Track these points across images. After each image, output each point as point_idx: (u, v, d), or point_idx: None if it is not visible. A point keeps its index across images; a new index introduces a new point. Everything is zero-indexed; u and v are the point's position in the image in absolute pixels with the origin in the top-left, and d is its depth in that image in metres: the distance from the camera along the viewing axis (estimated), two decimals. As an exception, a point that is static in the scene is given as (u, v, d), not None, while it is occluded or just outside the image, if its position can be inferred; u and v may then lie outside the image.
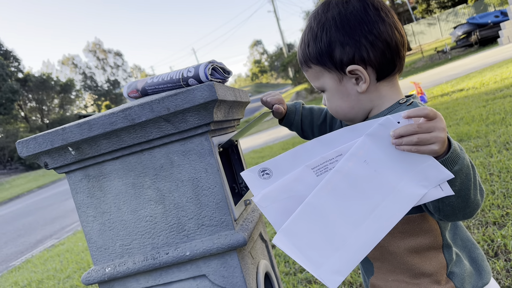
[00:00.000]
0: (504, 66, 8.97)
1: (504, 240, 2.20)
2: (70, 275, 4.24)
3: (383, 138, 0.73)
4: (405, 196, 0.73)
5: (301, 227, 0.75)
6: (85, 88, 62.67)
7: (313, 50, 0.96)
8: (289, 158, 0.78)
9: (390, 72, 0.94)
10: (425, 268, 0.92)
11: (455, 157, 0.73)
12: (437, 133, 0.70)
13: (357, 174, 0.74)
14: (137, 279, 1.21)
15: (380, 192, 0.73)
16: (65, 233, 7.40)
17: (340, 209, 0.74)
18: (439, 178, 0.71)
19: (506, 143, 3.66)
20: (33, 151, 1.17)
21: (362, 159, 0.73)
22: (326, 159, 0.76)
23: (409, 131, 0.70)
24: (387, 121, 0.72)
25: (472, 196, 0.76)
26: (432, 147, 0.71)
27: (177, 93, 1.09)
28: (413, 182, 0.72)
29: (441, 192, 0.72)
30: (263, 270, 1.34)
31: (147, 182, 1.19)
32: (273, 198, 0.78)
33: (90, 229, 1.23)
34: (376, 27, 0.90)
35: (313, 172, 0.76)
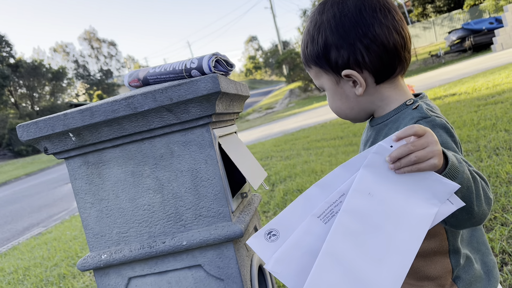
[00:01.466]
0: (496, 73, 9.08)
1: (491, 243, 2.24)
2: (58, 263, 4.22)
3: (381, 166, 0.71)
4: (418, 218, 0.70)
5: (323, 279, 0.71)
6: (77, 76, 62.10)
7: (311, 52, 0.95)
8: (292, 212, 0.75)
9: (389, 75, 0.91)
10: (429, 272, 0.91)
11: (454, 170, 0.72)
12: (431, 147, 0.69)
13: (365, 209, 0.71)
14: (132, 267, 1.22)
15: (392, 220, 0.71)
16: (52, 221, 7.35)
17: (358, 249, 0.71)
18: (446, 191, 0.69)
19: (496, 148, 3.71)
20: (33, 135, 1.17)
21: (366, 192, 0.71)
22: (330, 203, 0.73)
23: (405, 151, 0.69)
24: (380, 148, 0.70)
25: (476, 207, 0.74)
26: (432, 162, 0.69)
27: (180, 84, 1.10)
28: (422, 203, 0.70)
29: (452, 206, 0.71)
30: (257, 262, 1.35)
31: (147, 171, 1.20)
32: (287, 260, 0.73)
33: (87, 216, 1.24)
34: (372, 30, 0.87)
35: (320, 220, 0.73)
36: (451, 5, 30.44)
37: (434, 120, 0.86)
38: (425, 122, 0.86)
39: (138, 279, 1.22)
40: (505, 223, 2.41)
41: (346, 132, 7.05)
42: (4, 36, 43.50)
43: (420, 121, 0.86)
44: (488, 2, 23.35)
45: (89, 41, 66.29)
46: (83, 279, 3.53)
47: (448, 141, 0.84)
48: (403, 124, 0.89)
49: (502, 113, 4.94)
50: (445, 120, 0.88)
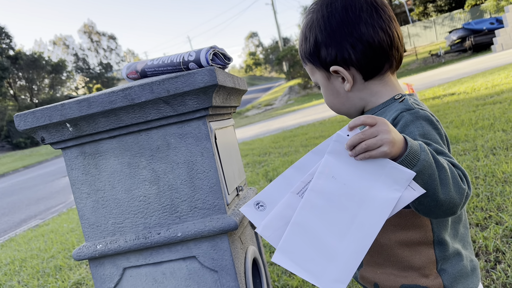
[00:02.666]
0: (496, 73, 9.09)
1: (485, 242, 2.25)
2: (54, 255, 4.24)
3: (342, 153, 0.78)
4: (381, 202, 0.77)
5: (293, 244, 0.81)
6: (76, 69, 61.92)
7: (304, 49, 1.00)
8: (274, 188, 0.85)
9: (377, 72, 0.95)
10: (413, 262, 0.94)
11: (412, 158, 0.75)
12: (381, 136, 0.73)
13: (329, 190, 0.79)
14: (127, 257, 1.23)
15: (354, 202, 0.78)
16: (49, 214, 7.36)
17: (323, 223, 0.80)
18: (404, 178, 0.75)
19: (493, 148, 3.73)
20: (30, 125, 1.17)
21: (329, 175, 0.79)
22: (305, 182, 0.82)
23: (356, 140, 0.74)
24: (338, 137, 0.78)
25: (442, 195, 0.77)
26: (382, 149, 0.73)
27: (177, 76, 1.10)
28: (385, 188, 0.77)
29: (414, 192, 0.75)
30: (251, 255, 1.36)
31: (143, 163, 1.20)
32: (272, 227, 0.84)
33: (83, 206, 1.24)
34: (357, 29, 0.91)
35: (298, 196, 0.82)
36: (452, 5, 30.40)
37: (418, 112, 0.89)
38: (408, 113, 0.89)
39: (132, 269, 1.23)
40: (500, 222, 2.43)
41: (345, 130, 7.05)
42: (4, 28, 43.34)
43: (403, 112, 0.90)
44: (489, 2, 23.33)
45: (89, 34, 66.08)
46: (79, 271, 3.54)
47: (431, 132, 0.87)
48: (388, 116, 0.92)
49: (500, 113, 4.95)
50: (429, 113, 0.91)
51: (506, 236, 2.26)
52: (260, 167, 5.91)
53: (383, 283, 0.97)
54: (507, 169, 3.09)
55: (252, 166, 6.20)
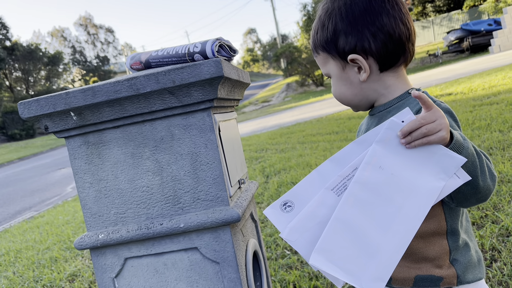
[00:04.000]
0: (493, 74, 9.13)
1: (481, 240, 2.27)
2: (50, 247, 4.23)
3: (392, 141, 0.76)
4: (426, 191, 0.75)
5: (333, 243, 0.77)
6: (73, 62, 61.49)
7: (320, 38, 0.99)
8: (306, 185, 0.80)
9: (393, 63, 0.96)
10: (427, 253, 0.94)
11: (458, 145, 0.76)
12: (440, 120, 0.74)
13: (375, 181, 0.76)
14: (129, 247, 1.23)
15: (401, 193, 0.76)
16: (45, 206, 7.34)
17: (367, 217, 0.76)
18: (454, 165, 0.74)
19: (490, 148, 3.75)
20: (34, 113, 1.17)
21: (377, 166, 0.76)
22: (343, 177, 0.78)
23: (415, 125, 0.74)
24: (392, 123, 0.75)
25: (481, 182, 0.79)
26: (441, 134, 0.74)
27: (183, 67, 1.10)
28: (431, 177, 0.75)
29: (458, 180, 0.75)
30: (252, 248, 1.37)
31: (146, 153, 1.20)
32: (301, 229, 0.78)
33: (85, 195, 1.24)
34: (379, 19, 0.92)
35: (333, 193, 0.78)
36: (450, 5, 30.46)
37: (439, 105, 0.90)
38: None
39: (134, 259, 1.24)
40: (496, 221, 2.45)
41: (342, 128, 7.07)
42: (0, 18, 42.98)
43: None
44: (487, 3, 23.38)
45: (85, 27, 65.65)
46: (75, 262, 3.54)
47: (453, 124, 0.88)
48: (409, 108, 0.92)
49: (497, 114, 4.98)
50: (448, 106, 0.92)
51: (502, 235, 2.28)
52: (257, 163, 5.91)
53: (396, 275, 0.97)
54: (504, 169, 3.11)
55: (249, 162, 6.20)
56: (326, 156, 5.11)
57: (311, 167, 4.70)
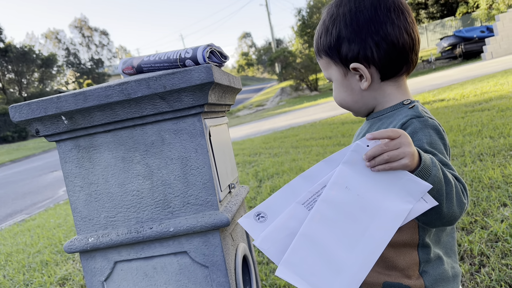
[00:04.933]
0: (485, 81, 9.22)
1: (470, 245, 2.29)
2: (41, 250, 4.20)
3: (358, 163, 0.77)
4: (393, 213, 0.76)
5: (299, 257, 0.78)
6: (67, 64, 61.31)
7: (324, 42, 0.99)
8: (279, 198, 0.82)
9: (395, 73, 0.96)
10: (398, 262, 0.95)
11: (425, 172, 0.76)
12: (404, 148, 0.74)
13: (341, 200, 0.77)
14: (119, 251, 1.23)
15: (367, 214, 0.77)
16: (36, 209, 7.29)
17: (333, 235, 0.78)
18: (420, 190, 0.75)
19: (480, 154, 3.79)
20: (25, 116, 1.17)
21: (343, 186, 0.77)
22: (313, 193, 0.79)
23: (378, 151, 0.75)
24: (357, 147, 0.77)
25: (445, 209, 0.79)
26: (403, 162, 0.74)
27: (174, 72, 1.12)
28: (397, 200, 0.76)
29: (426, 204, 0.76)
30: (241, 252, 1.38)
31: (137, 157, 1.21)
32: (272, 239, 0.81)
33: (76, 199, 1.25)
34: (384, 28, 0.91)
35: (303, 207, 0.80)
36: (444, 12, 30.75)
37: (427, 120, 0.90)
38: (417, 121, 0.90)
39: (124, 263, 1.24)
40: (485, 227, 2.47)
41: (335, 132, 7.10)
42: (-6, 20, 42.69)
43: (413, 119, 0.90)
44: (480, 10, 23.64)
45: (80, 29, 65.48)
46: (66, 266, 3.52)
47: (437, 142, 0.88)
48: (397, 120, 0.93)
49: (488, 120, 5.03)
50: (437, 123, 0.92)
51: (491, 241, 2.30)
52: (250, 167, 5.92)
53: (366, 279, 0.98)
54: (493, 175, 3.14)
55: (242, 166, 6.21)
56: (319, 160, 5.11)
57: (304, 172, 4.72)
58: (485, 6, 23.28)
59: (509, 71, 9.92)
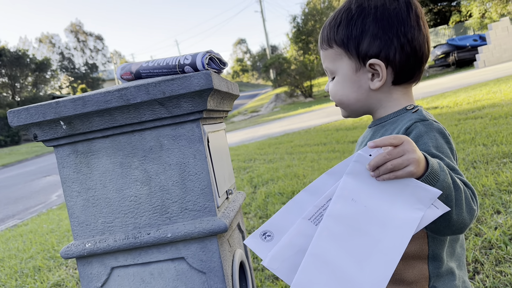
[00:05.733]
0: (478, 89, 9.30)
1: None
2: (33, 256, 4.17)
3: (362, 173, 0.74)
4: (404, 222, 0.73)
5: (309, 278, 0.75)
6: (61, 68, 61.12)
7: (342, 31, 0.94)
8: (284, 215, 0.80)
9: (407, 79, 0.94)
10: (405, 276, 0.91)
11: (433, 177, 0.74)
12: (408, 155, 0.71)
13: (348, 214, 0.74)
14: (116, 256, 1.23)
15: (377, 225, 0.74)
16: (29, 214, 7.22)
17: (343, 251, 0.74)
18: (429, 197, 0.72)
19: (474, 161, 3.82)
20: (24, 121, 1.17)
21: (349, 198, 0.74)
22: (319, 207, 0.77)
23: (382, 160, 0.71)
24: (360, 157, 0.73)
25: (455, 216, 0.76)
26: (408, 169, 0.71)
27: (174, 78, 1.12)
28: (407, 207, 0.73)
29: (437, 210, 0.73)
30: (238, 258, 1.38)
31: (135, 163, 1.21)
32: (281, 258, 0.78)
33: (73, 204, 1.24)
34: (412, 32, 0.90)
35: (310, 222, 0.77)
36: (437, 20, 31.04)
37: (432, 124, 0.88)
38: (422, 124, 0.88)
39: (120, 269, 1.24)
40: (479, 234, 2.49)
41: (329, 139, 7.13)
42: (-13, 23, 42.51)
43: (417, 122, 0.88)
44: (473, 19, 23.90)
45: (75, 33, 65.37)
46: (59, 272, 3.49)
47: (444, 146, 0.86)
48: (401, 125, 0.91)
49: (481, 128, 5.08)
50: (442, 126, 0.90)
51: (485, 248, 2.32)
52: (245, 173, 5.92)
53: None
54: (487, 183, 3.17)
55: (237, 172, 6.21)
56: (313, 167, 5.14)
57: (298, 178, 4.73)
58: (478, 15, 23.55)
59: (501, 80, 10.03)
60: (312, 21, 25.55)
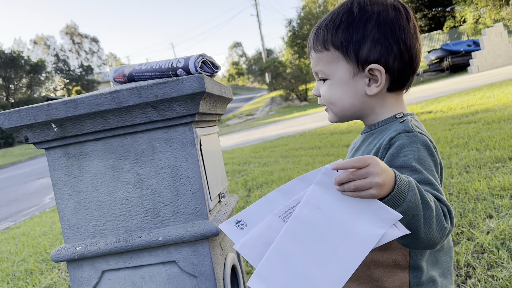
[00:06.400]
0: (471, 94, 9.37)
1: (457, 257, 2.32)
2: (25, 259, 4.13)
3: (330, 186, 0.77)
4: (365, 237, 0.76)
5: (271, 270, 0.81)
6: (56, 70, 60.89)
7: (342, 35, 0.91)
8: (257, 208, 0.85)
9: (401, 86, 0.95)
10: (387, 283, 0.92)
11: (398, 198, 0.74)
12: (371, 179, 0.71)
13: (312, 220, 0.78)
14: (107, 260, 1.22)
15: (338, 235, 0.78)
16: (21, 216, 7.17)
17: (304, 252, 0.79)
18: (391, 218, 0.75)
19: (467, 166, 3.84)
20: (15, 123, 1.17)
21: (315, 206, 0.78)
22: (289, 207, 0.81)
23: (345, 178, 0.72)
24: (327, 170, 0.76)
25: (422, 234, 0.77)
26: (370, 192, 0.72)
27: (166, 81, 1.12)
28: (369, 224, 0.76)
29: (398, 231, 0.76)
30: (230, 262, 1.38)
31: (127, 166, 1.21)
32: (251, 245, 0.84)
33: (64, 207, 1.24)
34: (411, 40, 0.91)
35: (280, 219, 0.82)
36: (431, 26, 31.24)
37: (416, 135, 0.88)
38: (406, 135, 0.88)
39: (111, 272, 1.23)
40: (471, 238, 2.50)
41: (324, 142, 7.14)
42: (-18, 25, 42.30)
43: (401, 133, 0.88)
44: (467, 25, 24.09)
45: (71, 35, 65.18)
46: (51, 275, 3.46)
47: (426, 158, 0.86)
48: (387, 134, 0.91)
49: (475, 133, 5.11)
50: (428, 138, 0.90)
51: (477, 252, 2.33)
52: (240, 176, 5.91)
53: None
54: (479, 187, 3.18)
55: (231, 175, 6.21)
56: (308, 170, 5.13)
57: (293, 182, 4.72)
58: (472, 21, 23.74)
59: (494, 85, 10.10)
60: (307, 25, 25.66)
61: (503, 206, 2.75)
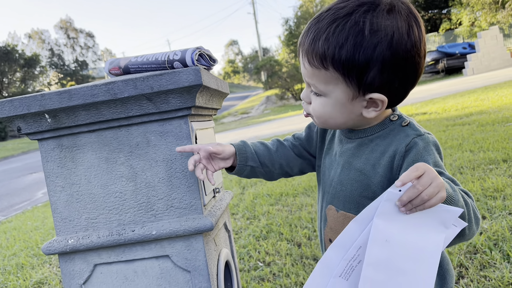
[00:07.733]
0: (466, 96, 9.41)
1: (450, 257, 2.32)
2: (16, 253, 4.10)
3: (392, 211, 0.73)
4: (432, 247, 0.74)
5: None
6: (51, 65, 60.46)
7: (345, 56, 0.79)
8: (314, 280, 0.78)
9: (395, 104, 0.92)
10: None
11: (451, 199, 0.74)
12: (435, 182, 0.70)
13: (385, 257, 0.73)
14: (99, 253, 1.21)
15: (411, 258, 0.74)
16: (13, 211, 7.12)
17: None
18: (452, 217, 0.73)
19: (461, 167, 3.85)
20: (7, 113, 1.15)
21: (383, 240, 0.73)
22: (349, 259, 0.75)
23: (415, 193, 0.70)
24: (390, 194, 0.72)
25: (467, 230, 0.77)
26: (440, 195, 0.71)
27: (162, 74, 1.11)
28: (432, 232, 0.74)
29: (456, 228, 0.75)
30: (224, 258, 1.37)
31: (121, 159, 1.19)
32: None
33: (56, 199, 1.22)
34: (420, 64, 0.84)
35: (341, 279, 0.76)
36: (428, 28, 31.33)
37: (427, 137, 0.88)
38: (420, 139, 0.87)
39: (103, 266, 1.21)
40: (464, 238, 2.51)
41: (319, 142, 7.14)
42: (-24, 17, 41.93)
43: (415, 138, 0.87)
44: (463, 27, 24.20)
45: (65, 30, 64.73)
46: (42, 270, 3.44)
47: (439, 160, 0.86)
48: (396, 141, 0.89)
49: (469, 134, 5.13)
50: (434, 137, 0.90)
51: (470, 252, 2.34)
52: (234, 174, 5.90)
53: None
54: (473, 188, 3.19)
55: (225, 172, 6.19)
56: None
57: (287, 180, 4.72)
58: (468, 23, 23.87)
59: (489, 87, 10.16)
60: (304, 25, 25.65)
61: (496, 207, 2.76)
